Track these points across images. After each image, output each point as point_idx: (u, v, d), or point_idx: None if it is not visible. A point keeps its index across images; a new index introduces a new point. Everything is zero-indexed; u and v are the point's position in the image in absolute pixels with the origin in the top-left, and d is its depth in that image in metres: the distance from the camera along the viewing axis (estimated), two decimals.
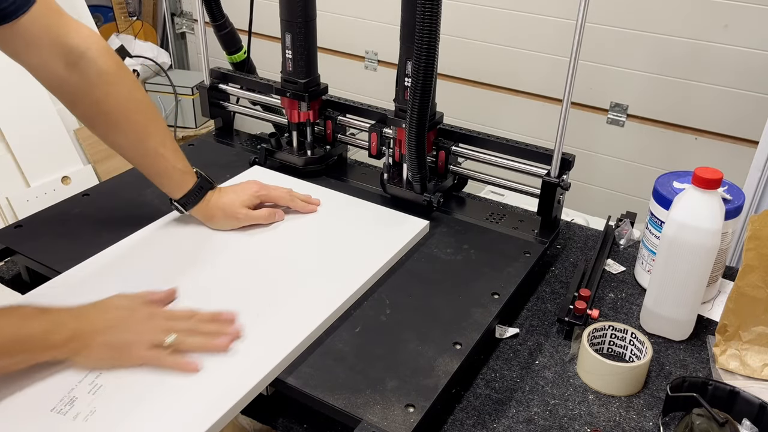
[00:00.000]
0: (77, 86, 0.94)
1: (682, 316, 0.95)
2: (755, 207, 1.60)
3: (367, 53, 2.66)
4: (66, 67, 0.92)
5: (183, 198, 1.03)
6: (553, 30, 2.22)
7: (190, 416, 0.73)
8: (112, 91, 0.95)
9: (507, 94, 2.42)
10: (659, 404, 0.86)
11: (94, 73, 0.93)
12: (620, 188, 2.33)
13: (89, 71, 0.93)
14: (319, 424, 0.84)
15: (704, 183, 0.87)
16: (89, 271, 0.97)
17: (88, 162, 2.51)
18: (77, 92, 0.94)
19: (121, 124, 0.97)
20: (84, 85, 0.93)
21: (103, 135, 1.00)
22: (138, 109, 0.98)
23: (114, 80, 0.95)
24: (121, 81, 0.96)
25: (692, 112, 2.11)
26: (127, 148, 1.00)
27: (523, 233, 1.12)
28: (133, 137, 0.99)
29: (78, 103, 0.96)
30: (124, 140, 0.99)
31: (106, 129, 0.99)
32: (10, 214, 2.29)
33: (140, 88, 1.00)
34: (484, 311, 0.92)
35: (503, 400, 0.86)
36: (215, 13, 1.39)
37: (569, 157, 1.08)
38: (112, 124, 0.98)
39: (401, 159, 1.17)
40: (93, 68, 0.93)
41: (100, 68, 0.94)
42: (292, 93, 1.24)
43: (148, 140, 0.99)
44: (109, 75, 0.95)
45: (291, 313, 0.89)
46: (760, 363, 0.90)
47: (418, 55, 0.96)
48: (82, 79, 0.93)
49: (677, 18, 2.02)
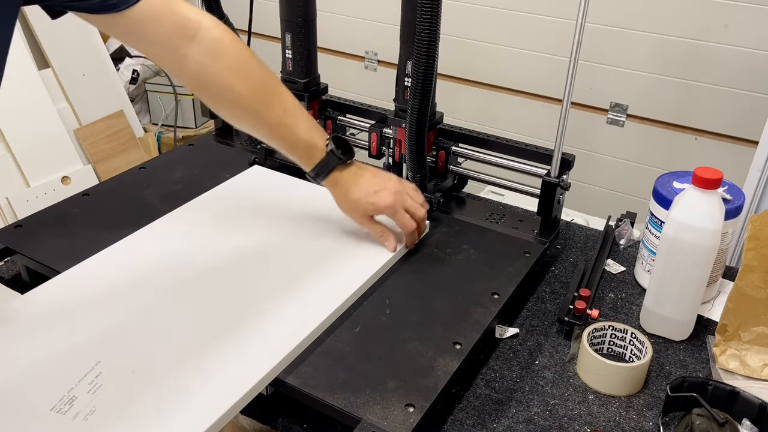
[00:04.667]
0: (198, 59, 0.90)
1: (682, 316, 0.95)
2: (755, 207, 1.60)
3: (367, 53, 2.66)
4: (185, 41, 0.89)
5: (312, 171, 1.00)
6: (553, 30, 2.22)
7: (189, 416, 0.73)
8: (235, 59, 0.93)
9: (507, 94, 2.42)
10: (659, 404, 0.86)
11: (210, 43, 0.91)
12: (620, 188, 2.33)
13: (206, 42, 0.91)
14: (319, 424, 0.84)
15: (704, 183, 0.87)
16: (89, 271, 0.97)
17: (88, 162, 2.52)
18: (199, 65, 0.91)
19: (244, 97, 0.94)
20: (204, 56, 0.91)
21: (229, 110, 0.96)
22: (258, 76, 0.95)
23: (234, 48, 0.93)
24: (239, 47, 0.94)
25: (692, 112, 2.11)
26: (250, 121, 0.97)
27: (523, 233, 1.12)
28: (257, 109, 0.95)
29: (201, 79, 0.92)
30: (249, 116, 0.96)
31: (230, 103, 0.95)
32: (10, 214, 2.29)
33: (256, 57, 0.96)
34: (484, 311, 0.92)
35: (503, 400, 0.86)
36: (215, 13, 1.39)
37: (569, 157, 1.08)
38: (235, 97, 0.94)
39: (401, 159, 1.17)
40: (209, 38, 0.91)
41: (217, 37, 0.91)
42: (292, 93, 1.24)
43: (272, 108, 0.95)
44: (225, 43, 0.92)
45: (291, 313, 0.89)
46: (760, 363, 0.90)
47: (418, 55, 0.96)
48: (200, 49, 0.90)
49: (677, 18, 2.02)
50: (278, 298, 0.92)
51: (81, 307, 0.89)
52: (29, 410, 0.73)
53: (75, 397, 0.75)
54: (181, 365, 0.80)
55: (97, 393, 0.75)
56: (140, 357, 0.81)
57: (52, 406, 0.74)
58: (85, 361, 0.80)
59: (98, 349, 0.82)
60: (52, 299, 0.91)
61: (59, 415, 0.73)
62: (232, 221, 1.10)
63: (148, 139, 2.74)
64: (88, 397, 0.75)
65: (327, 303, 0.91)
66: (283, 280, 0.96)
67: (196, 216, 1.11)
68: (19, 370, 0.79)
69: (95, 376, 0.78)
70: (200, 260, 1.00)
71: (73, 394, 0.75)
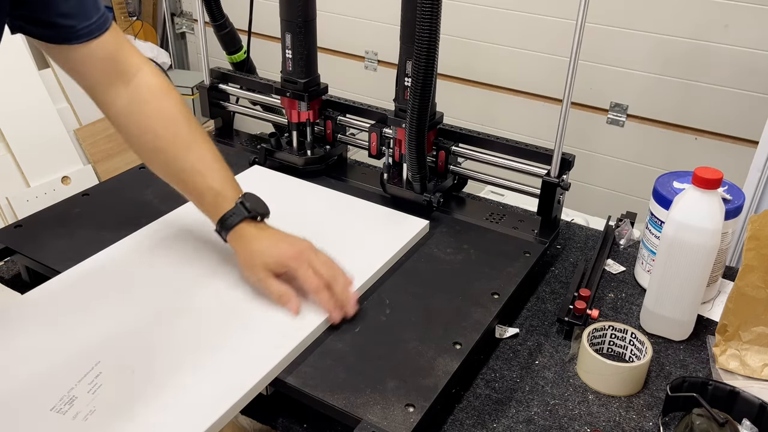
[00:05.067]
0: (130, 102, 0.94)
1: (682, 316, 0.95)
2: (755, 207, 1.60)
3: (367, 53, 2.66)
4: (123, 84, 0.93)
5: (218, 224, 0.94)
6: (553, 30, 2.22)
7: (189, 416, 0.73)
8: (162, 106, 0.95)
9: (507, 94, 2.42)
10: (659, 404, 0.86)
11: (144, 89, 0.94)
12: (620, 188, 2.33)
13: (141, 88, 0.94)
14: (319, 424, 0.84)
15: (704, 183, 0.87)
16: (89, 271, 0.97)
17: (88, 162, 2.52)
18: (129, 108, 0.94)
19: (160, 138, 0.94)
20: (136, 100, 0.94)
21: (148, 155, 0.97)
22: (181, 126, 0.95)
23: (164, 96, 0.96)
24: (170, 97, 0.96)
25: (692, 112, 2.11)
26: (164, 167, 0.97)
27: (523, 233, 1.12)
28: (172, 152, 0.95)
29: (128, 122, 0.95)
30: (162, 157, 0.95)
31: (147, 144, 0.95)
32: (10, 214, 2.29)
33: (186, 108, 0.99)
34: (484, 311, 0.92)
35: (503, 400, 0.86)
36: (215, 13, 1.39)
37: (569, 157, 1.08)
38: (150, 138, 0.95)
39: (401, 159, 1.17)
40: (144, 84, 0.95)
41: (152, 84, 0.95)
42: (292, 93, 1.24)
43: (187, 155, 0.94)
44: (161, 91, 0.96)
45: (291, 312, 0.89)
46: (760, 363, 0.90)
47: (418, 55, 0.96)
48: (133, 93, 0.94)
49: (677, 18, 2.02)
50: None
51: (81, 307, 0.89)
52: (29, 410, 0.73)
53: (75, 397, 0.75)
54: (181, 365, 0.80)
55: (97, 393, 0.75)
56: (140, 357, 0.81)
57: (52, 406, 0.74)
58: (85, 361, 0.80)
59: (98, 349, 0.82)
60: (52, 299, 0.91)
61: (59, 415, 0.73)
62: None
63: None
64: (88, 397, 0.75)
65: None
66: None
67: (197, 216, 1.11)
68: (20, 369, 0.79)
69: (95, 376, 0.78)
70: (200, 260, 1.00)
71: (73, 394, 0.75)
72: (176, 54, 3.33)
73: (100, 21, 0.88)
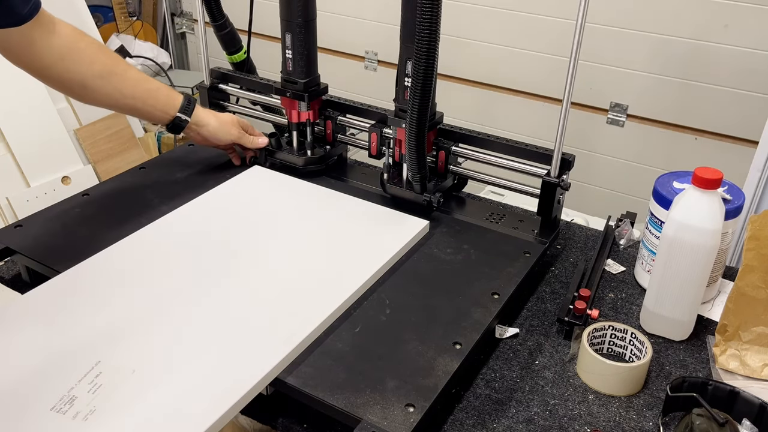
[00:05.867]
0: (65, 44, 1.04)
1: (682, 316, 0.95)
2: (755, 207, 1.60)
3: (367, 53, 2.66)
4: (48, 34, 1.02)
5: (180, 109, 1.17)
6: (553, 30, 2.22)
7: (189, 415, 0.73)
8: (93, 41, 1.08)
9: (507, 94, 2.42)
10: (659, 404, 0.86)
11: (73, 31, 1.06)
12: (620, 188, 2.33)
13: (69, 31, 1.05)
14: (319, 424, 0.84)
15: (704, 183, 0.87)
16: (89, 271, 0.97)
17: (88, 162, 2.52)
18: (69, 48, 1.04)
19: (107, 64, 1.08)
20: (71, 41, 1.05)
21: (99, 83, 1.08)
22: (111, 51, 1.13)
23: (86, 34, 1.08)
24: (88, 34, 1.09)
25: (692, 112, 2.11)
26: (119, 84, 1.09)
27: (523, 233, 1.12)
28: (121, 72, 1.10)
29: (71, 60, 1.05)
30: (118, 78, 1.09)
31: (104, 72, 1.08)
32: (10, 214, 2.29)
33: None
34: (484, 311, 0.92)
35: (503, 400, 0.86)
36: (215, 13, 1.39)
37: (569, 157, 1.08)
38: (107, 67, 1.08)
39: (401, 159, 1.17)
40: (68, 28, 1.05)
41: (72, 27, 1.06)
42: (292, 93, 1.24)
43: (130, 71, 1.11)
44: (81, 32, 1.08)
45: (291, 312, 0.89)
46: (760, 363, 0.90)
47: (418, 55, 0.96)
48: (68, 38, 1.04)
49: (677, 18, 2.02)
50: (278, 297, 0.92)
51: (81, 307, 0.89)
52: (29, 410, 0.73)
53: (75, 397, 0.75)
54: (181, 365, 0.80)
55: (97, 393, 0.75)
56: (140, 357, 0.81)
57: (52, 406, 0.74)
58: (85, 361, 0.80)
59: (98, 349, 0.82)
60: (52, 299, 0.91)
61: (59, 415, 0.73)
62: (231, 221, 1.10)
63: (148, 139, 2.74)
64: (88, 397, 0.75)
65: (327, 303, 0.90)
66: (283, 280, 0.96)
67: (196, 216, 1.11)
68: (20, 369, 0.79)
69: (95, 376, 0.78)
70: (200, 260, 1.00)
71: (73, 394, 0.75)
72: (176, 54, 3.33)
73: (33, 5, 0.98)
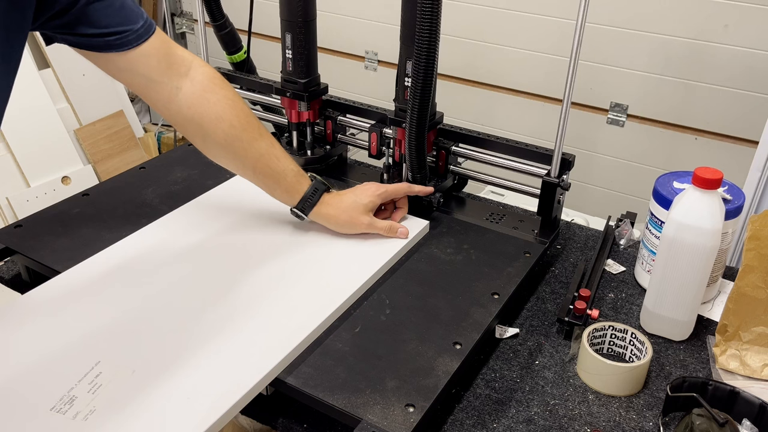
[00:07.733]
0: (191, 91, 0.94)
1: (682, 316, 0.95)
2: (755, 207, 1.60)
3: (367, 53, 2.66)
4: (179, 76, 0.93)
5: (300, 203, 1.02)
6: (553, 30, 2.21)
7: (189, 416, 0.73)
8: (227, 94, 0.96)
9: (507, 94, 2.42)
10: (659, 404, 0.86)
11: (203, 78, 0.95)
12: (620, 188, 2.33)
13: (199, 77, 0.95)
14: (319, 424, 0.84)
15: (704, 183, 0.87)
16: (89, 271, 0.97)
17: (88, 162, 2.52)
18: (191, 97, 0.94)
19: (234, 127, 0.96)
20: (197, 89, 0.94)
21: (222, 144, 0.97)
22: (246, 110, 0.98)
23: (224, 84, 0.97)
24: (227, 84, 0.98)
25: (692, 112, 2.11)
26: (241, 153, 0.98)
27: (523, 233, 1.12)
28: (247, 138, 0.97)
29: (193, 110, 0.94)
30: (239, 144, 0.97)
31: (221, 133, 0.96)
32: (10, 214, 2.29)
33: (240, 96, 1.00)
34: (484, 311, 0.92)
35: (503, 400, 0.86)
36: (215, 13, 1.39)
37: (569, 157, 1.08)
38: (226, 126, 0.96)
39: (401, 159, 1.17)
40: (202, 73, 0.95)
41: (209, 73, 0.96)
42: (292, 93, 1.24)
43: (261, 140, 0.98)
44: (219, 80, 0.97)
45: (291, 313, 0.89)
46: (760, 363, 0.90)
47: (418, 55, 0.96)
48: (193, 83, 0.94)
49: (677, 18, 2.02)
50: (278, 298, 0.92)
51: (81, 307, 0.89)
52: (29, 410, 0.73)
53: (75, 397, 0.75)
54: (181, 365, 0.80)
55: (97, 393, 0.75)
56: (140, 357, 0.81)
57: (52, 406, 0.74)
58: (85, 361, 0.80)
59: (98, 349, 0.82)
60: (52, 299, 0.91)
61: (59, 415, 0.73)
62: (232, 221, 1.10)
63: (148, 139, 2.74)
64: (88, 397, 0.75)
65: (327, 303, 0.91)
66: (284, 279, 0.96)
67: (196, 216, 1.11)
68: (19, 369, 0.79)
69: (95, 376, 0.78)
70: (200, 260, 1.00)
71: (73, 394, 0.75)
72: None
73: (146, 25, 0.88)
